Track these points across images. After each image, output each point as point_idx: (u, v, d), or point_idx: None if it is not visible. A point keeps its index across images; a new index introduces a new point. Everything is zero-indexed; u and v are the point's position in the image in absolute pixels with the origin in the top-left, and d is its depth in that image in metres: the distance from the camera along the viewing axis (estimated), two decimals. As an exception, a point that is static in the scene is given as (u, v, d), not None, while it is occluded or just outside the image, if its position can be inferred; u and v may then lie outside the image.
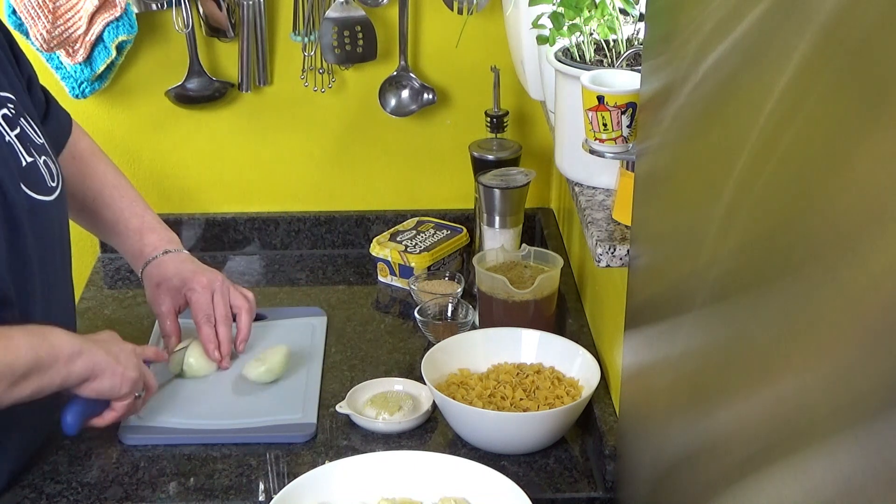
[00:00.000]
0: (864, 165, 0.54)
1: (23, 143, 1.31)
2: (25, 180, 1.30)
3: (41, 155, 1.34)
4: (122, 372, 1.34)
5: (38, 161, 1.33)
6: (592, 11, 1.31)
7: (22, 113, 1.35)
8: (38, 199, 1.31)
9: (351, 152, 2.00)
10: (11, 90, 1.36)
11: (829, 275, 0.58)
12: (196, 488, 1.35)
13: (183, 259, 1.56)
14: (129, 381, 1.36)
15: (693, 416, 0.87)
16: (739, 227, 0.74)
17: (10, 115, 1.31)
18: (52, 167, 1.36)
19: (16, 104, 1.34)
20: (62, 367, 1.27)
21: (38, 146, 1.35)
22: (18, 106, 1.35)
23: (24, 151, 1.31)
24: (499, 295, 1.60)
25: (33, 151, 1.33)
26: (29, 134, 1.34)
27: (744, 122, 0.71)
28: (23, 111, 1.36)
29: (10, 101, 1.33)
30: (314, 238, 2.02)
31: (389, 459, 1.31)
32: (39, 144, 1.35)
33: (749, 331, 0.72)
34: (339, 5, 1.85)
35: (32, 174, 1.31)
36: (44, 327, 1.29)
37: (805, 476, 0.62)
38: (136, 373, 1.37)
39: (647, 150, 1.02)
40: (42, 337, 1.27)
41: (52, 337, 1.28)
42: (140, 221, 1.56)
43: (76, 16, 1.77)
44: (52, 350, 1.26)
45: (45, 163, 1.35)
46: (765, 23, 0.68)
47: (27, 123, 1.35)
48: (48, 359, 1.26)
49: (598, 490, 1.35)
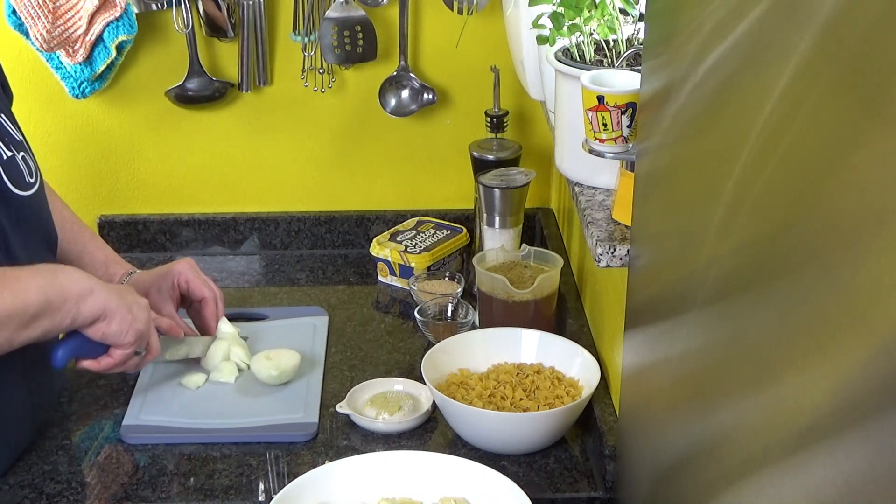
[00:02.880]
0: (864, 165, 0.54)
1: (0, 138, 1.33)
2: (7, 174, 1.31)
3: (19, 151, 1.36)
4: (132, 320, 1.35)
5: (17, 156, 1.35)
6: (592, 11, 1.31)
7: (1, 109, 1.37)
8: (18, 193, 1.33)
9: (351, 152, 2.00)
10: None
11: (829, 275, 0.58)
12: (196, 488, 1.35)
13: (146, 271, 1.59)
14: (136, 332, 1.36)
15: (693, 416, 0.87)
16: (739, 227, 0.74)
17: None
18: (30, 163, 1.38)
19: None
20: (72, 306, 1.28)
21: (16, 142, 1.36)
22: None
23: (3, 146, 1.33)
24: (499, 295, 1.60)
25: (11, 146, 1.34)
26: (7, 128, 1.36)
27: (744, 122, 0.71)
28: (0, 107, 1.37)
29: None
30: (314, 238, 2.02)
31: (389, 459, 1.31)
32: (18, 140, 1.37)
33: (749, 331, 0.72)
34: (339, 5, 1.85)
35: (12, 168, 1.33)
36: (55, 266, 1.31)
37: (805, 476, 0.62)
38: (145, 326, 1.37)
39: (647, 150, 1.02)
40: (53, 277, 1.28)
41: (62, 276, 1.29)
42: (104, 255, 1.59)
43: (76, 16, 1.77)
44: (62, 291, 1.27)
45: (24, 158, 1.36)
46: (765, 23, 0.68)
47: (4, 119, 1.37)
48: (57, 300, 1.27)
49: (598, 490, 1.35)
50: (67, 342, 1.35)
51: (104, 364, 1.38)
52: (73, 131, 1.95)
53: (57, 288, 1.27)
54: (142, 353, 1.41)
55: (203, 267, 1.93)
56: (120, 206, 2.01)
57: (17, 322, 1.23)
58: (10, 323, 1.22)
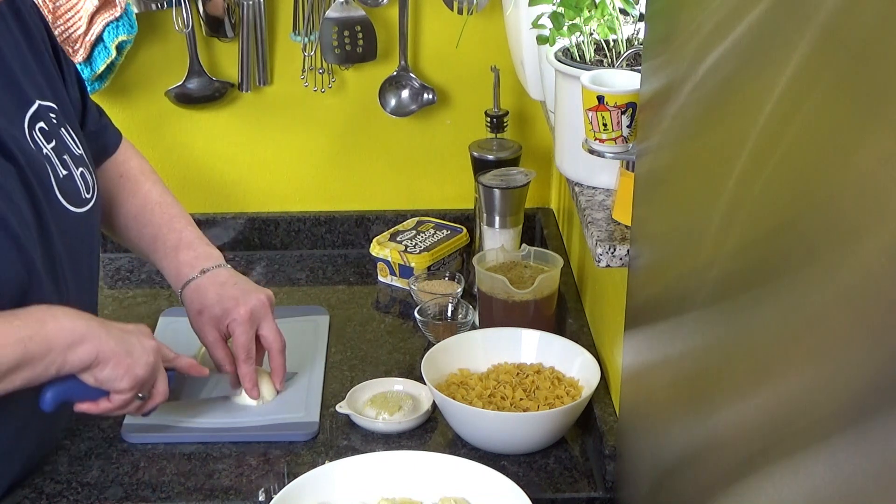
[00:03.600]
0: (864, 165, 0.54)
1: (59, 156, 1.30)
2: (62, 192, 1.29)
3: (79, 166, 1.33)
4: (130, 364, 1.26)
5: (75, 173, 1.32)
6: (592, 11, 1.31)
7: (63, 122, 1.33)
8: (72, 210, 1.30)
9: (351, 152, 2.00)
10: (54, 98, 1.34)
11: (829, 275, 0.58)
12: (196, 488, 1.35)
13: (223, 281, 1.47)
14: (133, 377, 1.27)
15: (693, 416, 0.87)
16: (739, 227, 0.74)
17: (48, 128, 1.30)
18: (88, 178, 1.35)
19: (58, 113, 1.33)
20: (57, 356, 1.21)
21: (76, 157, 1.33)
22: (60, 115, 1.33)
23: (60, 164, 1.30)
24: (499, 295, 1.60)
25: (70, 163, 1.32)
26: (68, 145, 1.33)
27: (744, 122, 0.71)
28: (64, 120, 1.34)
29: (52, 111, 1.32)
30: (314, 238, 2.02)
31: (389, 459, 1.31)
32: (78, 155, 1.34)
33: (749, 331, 0.72)
34: (339, 5, 1.85)
35: (68, 186, 1.30)
36: (47, 312, 1.22)
37: (805, 476, 0.62)
38: (145, 371, 1.28)
39: (647, 150, 1.02)
40: (40, 326, 1.20)
41: (50, 325, 1.21)
42: (177, 238, 1.49)
43: (76, 16, 1.77)
44: (47, 341, 1.20)
45: (82, 174, 1.33)
46: (765, 23, 0.68)
47: (67, 133, 1.33)
48: (40, 351, 1.19)
49: (598, 490, 1.35)
50: (57, 385, 1.25)
51: (102, 407, 1.30)
52: (73, 131, 1.95)
53: (40, 339, 1.19)
54: (145, 397, 1.32)
55: (203, 267, 1.93)
56: (120, 206, 2.01)
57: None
58: None
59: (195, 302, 1.46)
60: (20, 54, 1.31)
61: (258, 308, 1.46)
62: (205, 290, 1.46)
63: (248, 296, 1.46)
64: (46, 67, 1.35)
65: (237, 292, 1.46)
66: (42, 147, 1.28)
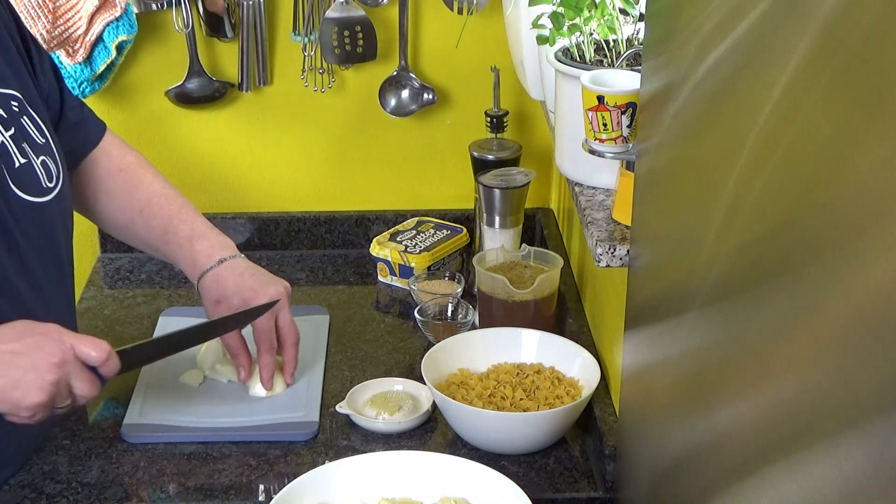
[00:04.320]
0: (864, 165, 0.54)
1: (17, 143, 1.28)
2: (17, 182, 1.26)
3: (40, 154, 1.30)
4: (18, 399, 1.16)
5: (35, 161, 1.29)
6: (592, 11, 1.31)
7: (27, 111, 1.31)
8: (30, 200, 1.28)
9: (351, 152, 2.00)
10: (18, 86, 1.32)
11: (829, 275, 0.58)
12: (196, 488, 1.35)
13: (241, 271, 1.47)
14: (28, 407, 1.16)
15: (693, 416, 0.87)
16: (739, 227, 0.74)
17: (6, 115, 1.28)
18: (51, 167, 1.32)
19: (21, 101, 1.31)
20: None
21: (38, 146, 1.31)
22: (24, 103, 1.31)
23: (18, 152, 1.28)
24: (499, 295, 1.60)
25: (29, 151, 1.29)
26: (29, 132, 1.30)
27: (744, 122, 0.71)
28: (28, 108, 1.32)
29: (14, 98, 1.30)
30: (314, 238, 2.02)
31: (389, 459, 1.31)
32: (41, 144, 1.32)
33: (749, 331, 0.72)
34: (339, 5, 1.85)
35: (25, 175, 1.28)
36: None
37: (805, 476, 0.62)
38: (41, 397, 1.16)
39: (647, 150, 1.02)
40: None
41: None
42: (190, 228, 1.48)
43: (76, 16, 1.77)
44: None
45: (44, 162, 1.31)
46: (765, 23, 0.68)
47: (30, 121, 1.31)
48: None
49: (598, 490, 1.35)
50: None
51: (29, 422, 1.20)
52: (73, 131, 1.95)
53: None
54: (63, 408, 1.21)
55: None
56: (120, 206, 2.01)
57: None
58: None
59: (213, 292, 1.45)
60: None
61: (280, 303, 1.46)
62: (223, 280, 1.45)
63: (266, 287, 1.46)
64: (10, 56, 1.33)
65: (256, 283, 1.46)
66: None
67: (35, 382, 1.16)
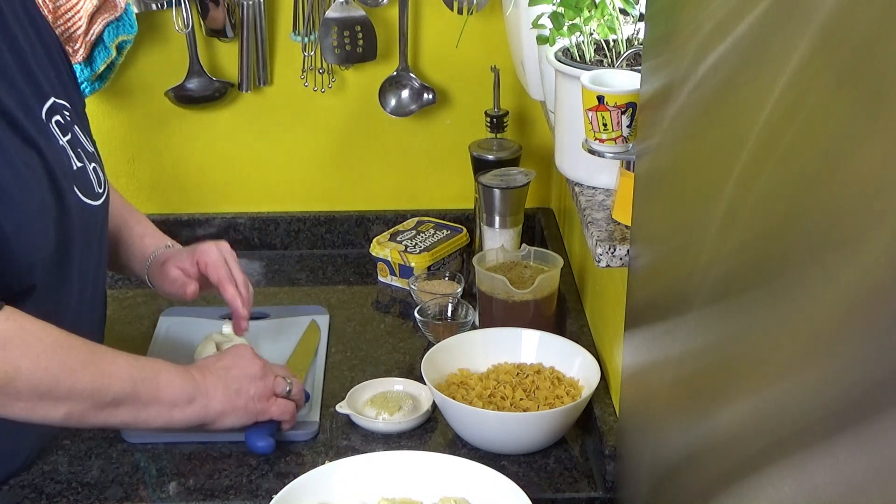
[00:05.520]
0: (864, 165, 0.54)
1: (73, 149, 1.34)
2: (77, 183, 1.33)
3: (90, 161, 1.38)
4: (243, 406, 1.36)
5: (88, 167, 1.37)
6: (592, 11, 1.31)
7: (75, 121, 1.38)
8: (87, 202, 1.34)
9: (351, 152, 2.00)
10: (67, 98, 1.38)
11: (829, 275, 0.58)
12: (196, 488, 1.35)
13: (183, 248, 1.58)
14: (251, 413, 1.37)
15: (693, 415, 0.87)
16: (739, 227, 0.74)
17: (63, 122, 1.34)
18: (100, 174, 1.40)
19: (71, 112, 1.38)
20: (164, 410, 1.30)
21: (88, 153, 1.38)
22: (73, 114, 1.38)
23: (75, 156, 1.34)
24: (499, 295, 1.60)
25: (84, 157, 1.36)
26: (81, 140, 1.38)
27: (744, 122, 0.71)
28: (76, 119, 1.39)
29: (66, 109, 1.37)
30: (314, 238, 2.02)
31: (389, 459, 1.31)
32: (90, 152, 1.39)
33: (749, 331, 0.72)
34: (339, 5, 1.85)
35: (82, 178, 1.35)
36: (164, 365, 1.32)
37: (805, 476, 0.62)
38: (259, 403, 1.37)
39: (647, 150, 1.02)
40: (153, 373, 1.29)
41: (163, 377, 1.30)
42: (142, 229, 1.59)
43: (76, 16, 1.77)
44: (156, 390, 1.29)
45: (94, 169, 1.38)
46: (765, 23, 0.68)
47: (79, 131, 1.38)
48: (146, 396, 1.28)
49: (598, 490, 1.35)
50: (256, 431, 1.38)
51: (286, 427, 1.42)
52: (73, 131, 1.95)
53: (151, 385, 1.28)
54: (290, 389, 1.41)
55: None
56: (120, 206, 2.01)
57: (93, 402, 1.23)
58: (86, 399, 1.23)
59: (160, 259, 1.55)
60: (35, 53, 1.35)
61: (224, 246, 1.55)
62: (167, 253, 1.56)
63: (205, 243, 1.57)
64: (58, 68, 1.40)
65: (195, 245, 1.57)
66: (59, 138, 1.32)
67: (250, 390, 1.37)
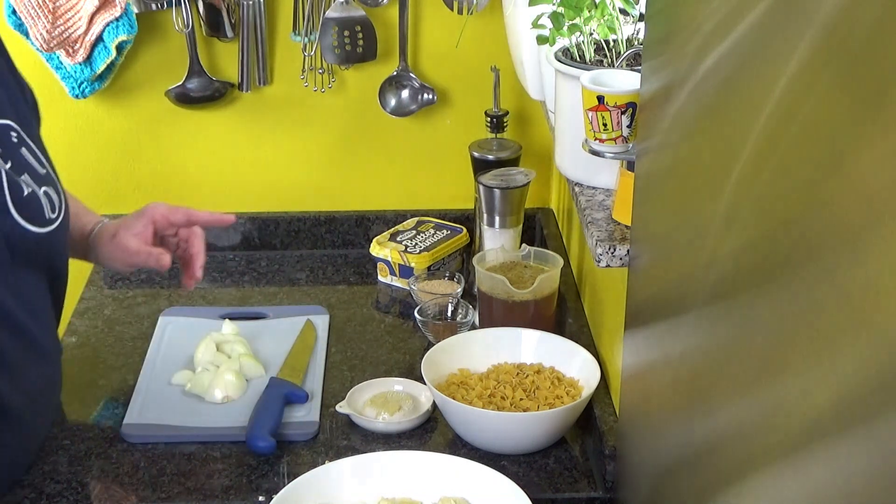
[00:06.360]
0: (864, 165, 0.54)
1: (18, 175, 1.25)
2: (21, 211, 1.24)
3: (42, 185, 1.28)
4: None
5: (38, 192, 1.27)
6: (592, 11, 1.31)
7: (24, 141, 1.29)
8: (33, 230, 1.25)
9: (351, 152, 2.00)
10: (14, 114, 1.29)
11: (829, 275, 0.58)
12: (196, 488, 1.35)
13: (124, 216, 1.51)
14: None
15: (693, 415, 0.87)
16: (739, 227, 0.74)
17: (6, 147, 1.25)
18: (53, 198, 1.30)
19: (18, 132, 1.29)
20: None
21: (40, 176, 1.29)
22: (21, 133, 1.29)
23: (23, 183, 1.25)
24: (499, 295, 1.60)
25: (31, 182, 1.27)
26: (29, 164, 1.28)
27: (744, 122, 0.71)
28: (25, 139, 1.29)
29: (12, 129, 1.28)
30: (314, 238, 2.02)
31: (389, 459, 1.31)
32: (43, 174, 1.30)
33: (749, 331, 0.72)
34: (339, 5, 1.85)
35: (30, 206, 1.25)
36: None
37: (805, 476, 0.62)
38: None
39: (647, 150, 1.02)
40: None
41: None
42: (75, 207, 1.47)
43: (76, 16, 1.77)
44: None
45: (46, 193, 1.29)
46: (765, 23, 0.68)
47: (28, 152, 1.29)
48: None
49: (598, 490, 1.35)
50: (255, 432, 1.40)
51: None
52: (73, 131, 1.95)
53: None
54: None
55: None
56: (120, 205, 2.01)
57: None
58: None
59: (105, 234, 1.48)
60: None
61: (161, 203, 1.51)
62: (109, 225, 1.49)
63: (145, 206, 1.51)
64: (4, 80, 1.31)
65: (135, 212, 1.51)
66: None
67: None
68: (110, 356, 1.66)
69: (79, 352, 1.67)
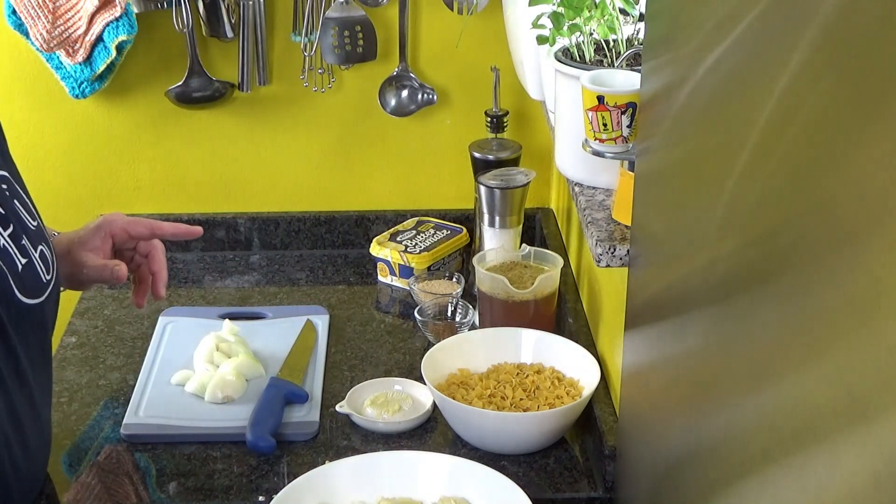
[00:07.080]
0: (864, 165, 0.54)
1: (17, 242, 1.15)
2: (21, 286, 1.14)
3: (37, 245, 1.18)
4: None
5: (34, 256, 1.17)
6: (592, 11, 1.31)
7: (16, 190, 1.19)
8: (30, 303, 1.15)
9: (351, 152, 2.00)
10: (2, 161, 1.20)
11: (830, 275, 0.58)
12: (196, 488, 1.35)
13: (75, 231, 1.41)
14: None
15: (693, 416, 0.87)
16: (739, 226, 0.74)
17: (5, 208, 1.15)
18: (47, 256, 1.20)
19: (10, 181, 1.19)
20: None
21: (33, 233, 1.19)
22: (12, 182, 1.19)
23: (19, 252, 1.15)
24: (499, 295, 1.60)
25: (28, 248, 1.17)
26: (24, 221, 1.18)
27: (744, 122, 0.71)
28: (16, 187, 1.20)
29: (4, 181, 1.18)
30: (314, 238, 2.02)
31: (389, 459, 1.31)
32: (34, 230, 1.19)
33: (749, 330, 0.72)
34: (339, 5, 1.85)
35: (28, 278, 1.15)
36: None
37: (805, 476, 0.62)
38: None
39: (647, 150, 1.02)
40: None
41: None
42: None
43: (76, 16, 1.77)
44: None
45: (42, 253, 1.19)
46: (765, 23, 0.68)
47: (20, 204, 1.19)
48: None
49: (598, 490, 1.35)
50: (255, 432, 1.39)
51: None
52: (73, 131, 1.95)
53: None
54: None
55: (203, 266, 1.93)
56: (119, 205, 2.01)
57: None
58: None
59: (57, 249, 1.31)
60: None
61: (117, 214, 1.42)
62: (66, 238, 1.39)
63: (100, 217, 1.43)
64: None
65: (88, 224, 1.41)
66: None
67: None
68: (110, 356, 1.66)
69: (79, 352, 1.67)
